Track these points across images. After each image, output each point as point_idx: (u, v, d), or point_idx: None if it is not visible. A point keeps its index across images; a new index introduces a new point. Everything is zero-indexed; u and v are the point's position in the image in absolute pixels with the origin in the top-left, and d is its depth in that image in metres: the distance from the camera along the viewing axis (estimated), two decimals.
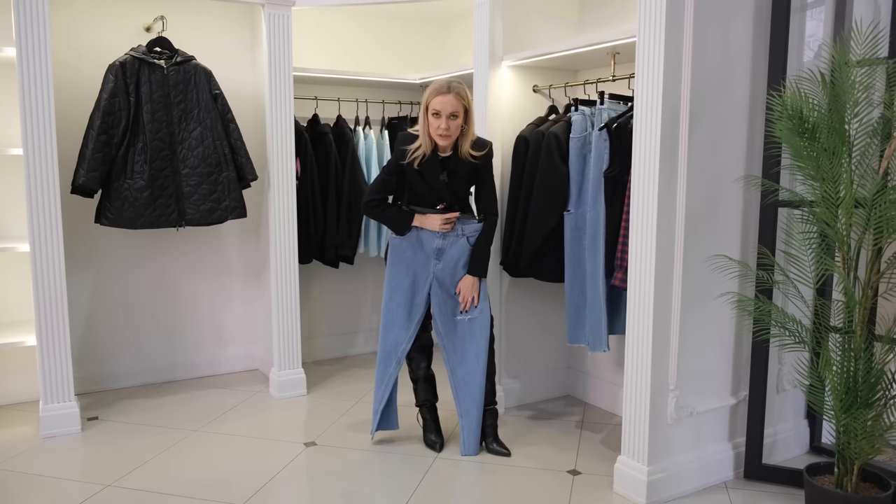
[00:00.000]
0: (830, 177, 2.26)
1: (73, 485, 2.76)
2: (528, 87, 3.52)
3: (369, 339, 4.74)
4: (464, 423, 3.04)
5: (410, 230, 2.98)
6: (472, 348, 3.01)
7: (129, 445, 3.14)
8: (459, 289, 2.98)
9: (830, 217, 2.30)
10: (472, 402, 3.02)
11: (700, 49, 2.52)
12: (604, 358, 3.64)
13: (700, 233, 2.64)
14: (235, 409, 3.63)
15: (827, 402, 2.43)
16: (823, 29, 2.80)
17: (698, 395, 2.74)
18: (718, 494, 2.72)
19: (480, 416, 3.04)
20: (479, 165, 2.94)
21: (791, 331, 2.47)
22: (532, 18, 3.48)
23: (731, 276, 2.72)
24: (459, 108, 2.82)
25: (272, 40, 3.65)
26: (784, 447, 2.98)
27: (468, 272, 2.98)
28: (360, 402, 3.74)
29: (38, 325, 3.17)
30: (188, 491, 2.71)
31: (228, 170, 3.61)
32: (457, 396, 3.05)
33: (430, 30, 4.76)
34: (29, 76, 3.06)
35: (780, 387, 2.94)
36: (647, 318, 2.58)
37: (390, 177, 2.99)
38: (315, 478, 2.87)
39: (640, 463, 2.64)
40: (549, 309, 3.68)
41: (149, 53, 3.49)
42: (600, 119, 3.04)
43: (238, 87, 3.98)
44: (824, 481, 2.45)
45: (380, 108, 4.49)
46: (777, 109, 2.33)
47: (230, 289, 4.20)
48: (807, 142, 2.28)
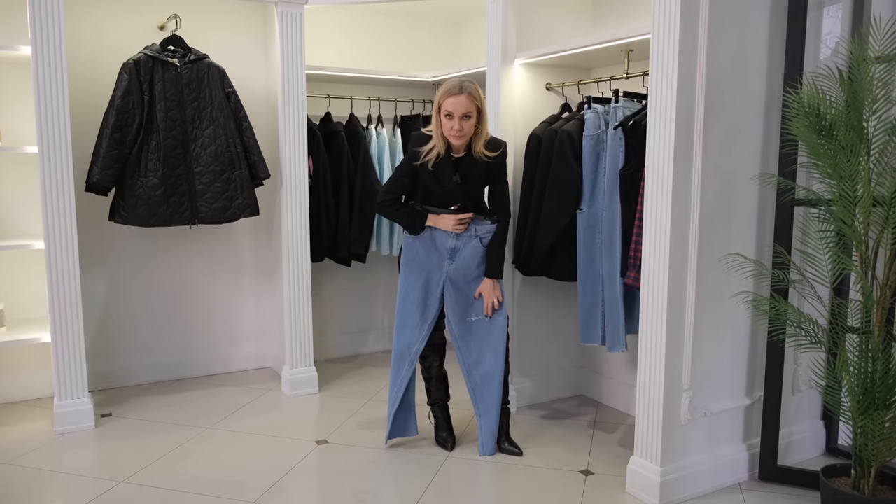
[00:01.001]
0: (848, 175, 2.24)
1: (87, 481, 2.78)
2: (541, 85, 3.50)
3: (381, 338, 4.74)
4: (482, 423, 3.02)
5: (424, 230, 2.97)
6: (489, 348, 3.00)
7: (143, 442, 3.15)
8: (480, 293, 2.97)
9: (848, 216, 2.27)
10: (490, 402, 3.00)
11: (715, 46, 2.50)
12: (617, 357, 3.62)
13: (715, 231, 2.61)
14: (247, 406, 3.64)
15: (844, 404, 2.40)
16: (841, 26, 2.77)
17: (712, 396, 2.71)
18: (732, 496, 2.69)
19: (499, 417, 3.03)
20: (492, 165, 2.93)
21: (807, 331, 2.44)
22: (545, 16, 3.46)
23: (746, 276, 2.69)
24: (472, 109, 2.80)
25: (285, 39, 3.66)
26: (799, 449, 2.95)
27: (485, 275, 2.97)
28: (372, 400, 3.74)
29: (52, 322, 3.20)
30: (200, 488, 2.72)
31: (241, 168, 3.61)
32: (474, 397, 3.03)
33: (442, 28, 4.75)
34: (44, 75, 3.08)
35: (795, 387, 2.91)
36: (660, 317, 2.56)
37: (403, 177, 2.99)
38: (326, 476, 2.87)
39: (654, 463, 2.61)
40: (562, 308, 3.66)
41: (162, 52, 3.50)
42: (615, 117, 3.02)
43: (251, 86, 3.99)
44: (841, 483, 2.43)
45: (392, 106, 4.49)
46: (794, 107, 2.31)
47: (243, 287, 4.21)
48: (824, 139, 2.25)
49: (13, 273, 3.64)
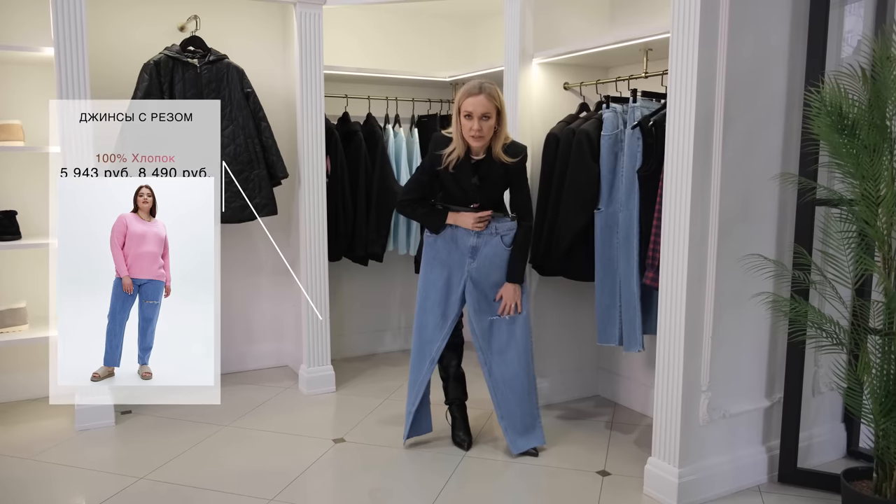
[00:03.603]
0: (871, 174, 2.21)
1: (107, 477, 2.81)
2: (558, 85, 3.49)
3: (398, 337, 4.75)
4: (506, 425, 3.00)
5: (445, 228, 2.98)
6: (513, 349, 2.98)
7: (162, 439, 3.18)
8: (501, 295, 2.97)
9: (870, 216, 2.24)
10: (514, 402, 2.98)
11: (735, 45, 2.48)
12: (634, 358, 3.60)
13: (734, 232, 2.59)
14: (265, 405, 3.66)
15: (865, 406, 2.38)
16: (863, 24, 2.74)
17: (731, 397, 2.69)
18: (752, 498, 2.67)
19: (524, 416, 3.01)
20: (512, 169, 2.91)
21: (828, 332, 2.42)
22: (563, 15, 3.45)
23: (766, 276, 2.66)
24: (491, 109, 2.80)
25: (303, 39, 3.68)
26: (820, 451, 2.92)
27: (507, 280, 2.97)
28: (389, 399, 3.74)
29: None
30: (219, 485, 2.74)
31: (259, 168, 3.64)
32: (495, 397, 3.00)
33: (459, 28, 4.75)
34: (66, 75, 3.12)
35: (816, 389, 2.88)
36: (679, 318, 2.54)
37: (423, 176, 2.99)
38: (343, 474, 2.88)
39: (672, 465, 2.60)
40: (579, 308, 3.65)
41: (182, 52, 3.53)
42: (633, 117, 3.01)
43: (269, 86, 4.01)
44: (862, 487, 2.40)
45: (409, 106, 4.49)
46: (815, 106, 2.28)
47: (260, 285, 4.24)
48: (846, 139, 2.23)
49: (36, 271, 3.68)
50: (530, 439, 3.02)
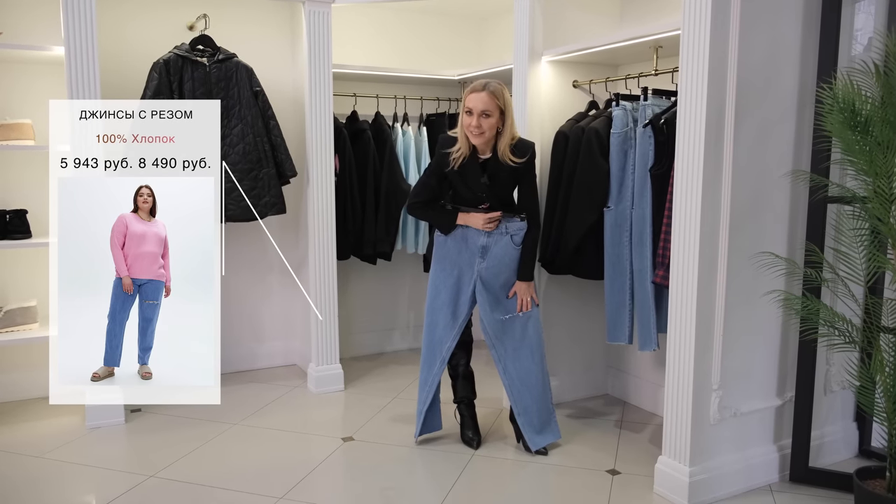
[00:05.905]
0: (884, 171, 2.20)
1: (117, 475, 2.82)
2: (567, 83, 3.48)
3: (407, 336, 4.75)
4: (523, 422, 2.99)
5: (455, 228, 2.97)
6: (526, 346, 2.99)
7: (171, 437, 3.19)
8: (514, 292, 2.97)
9: (883, 213, 2.23)
10: (529, 399, 2.99)
11: (746, 42, 2.46)
12: (644, 357, 3.59)
13: (745, 229, 2.58)
14: (274, 403, 3.67)
15: (878, 405, 2.36)
16: (874, 21, 2.72)
17: (742, 396, 2.68)
18: (763, 497, 2.66)
19: (541, 412, 3.01)
20: (520, 168, 2.91)
21: (840, 330, 2.40)
22: (572, 12, 3.44)
23: (778, 274, 2.65)
24: (492, 107, 2.78)
25: (312, 37, 3.68)
26: (831, 450, 2.90)
27: (518, 279, 2.96)
28: (398, 397, 3.74)
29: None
30: (228, 483, 2.75)
31: (268, 166, 3.64)
32: (511, 395, 3.00)
33: (468, 26, 4.75)
34: (76, 74, 3.13)
35: (827, 388, 2.86)
36: (689, 316, 2.53)
37: (431, 178, 3.00)
38: (352, 472, 2.89)
39: (682, 464, 2.59)
40: (589, 307, 3.64)
41: (192, 51, 3.54)
42: (643, 115, 3.00)
43: (278, 84, 4.01)
44: (875, 486, 2.38)
45: (418, 104, 4.49)
46: (828, 102, 2.27)
47: (270, 284, 4.24)
48: (859, 136, 2.22)
49: (45, 270, 3.69)
50: (547, 436, 3.03)
